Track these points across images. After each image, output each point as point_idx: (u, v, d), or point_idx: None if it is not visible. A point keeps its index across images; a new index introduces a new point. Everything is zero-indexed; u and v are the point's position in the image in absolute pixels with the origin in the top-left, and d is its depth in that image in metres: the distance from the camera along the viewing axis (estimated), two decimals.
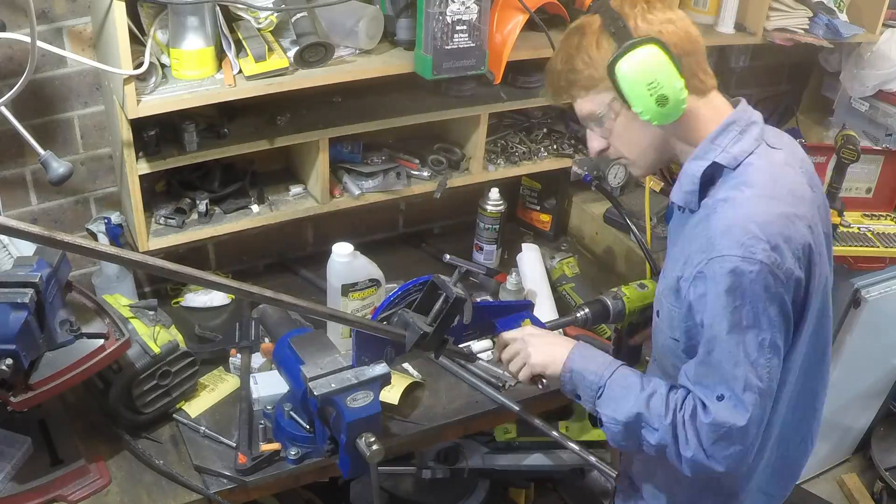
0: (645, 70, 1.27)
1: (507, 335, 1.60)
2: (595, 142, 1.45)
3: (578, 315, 1.73)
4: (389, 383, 1.59)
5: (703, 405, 1.30)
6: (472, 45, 1.85)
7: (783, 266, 1.26)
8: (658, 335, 1.49)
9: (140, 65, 1.65)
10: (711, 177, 1.36)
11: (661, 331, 1.45)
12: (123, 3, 1.54)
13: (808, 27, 2.41)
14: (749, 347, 1.27)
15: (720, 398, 1.29)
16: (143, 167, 1.81)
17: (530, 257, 2.28)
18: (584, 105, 1.40)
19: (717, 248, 1.26)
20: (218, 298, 2.17)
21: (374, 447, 1.47)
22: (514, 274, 2.19)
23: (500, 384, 1.94)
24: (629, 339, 1.82)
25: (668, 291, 1.39)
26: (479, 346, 2.01)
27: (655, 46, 1.27)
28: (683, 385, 1.35)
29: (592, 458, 1.95)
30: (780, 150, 1.38)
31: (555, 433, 1.97)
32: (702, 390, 1.31)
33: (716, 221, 1.30)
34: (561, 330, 2.03)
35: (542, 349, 1.52)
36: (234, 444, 1.70)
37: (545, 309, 2.11)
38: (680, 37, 1.32)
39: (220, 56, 1.80)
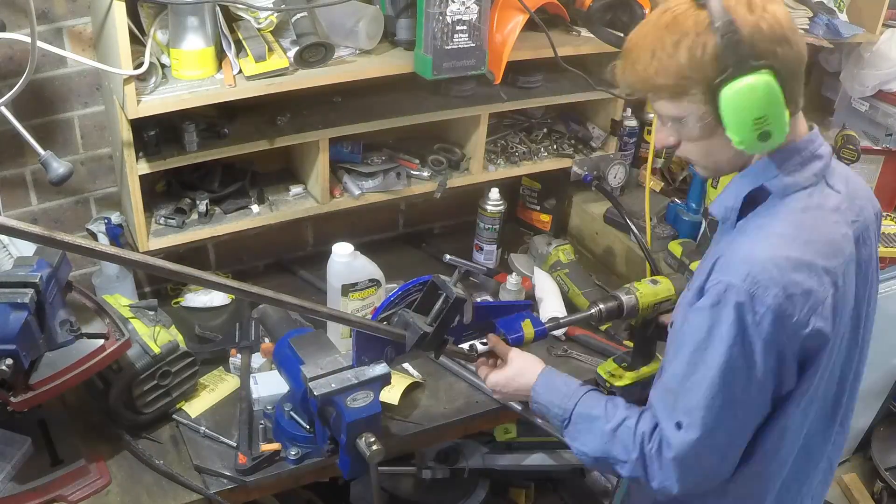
0: (755, 104, 1.14)
1: (493, 348, 1.60)
2: (665, 136, 1.31)
3: (592, 311, 1.72)
4: (389, 383, 1.58)
5: (668, 440, 1.27)
6: (472, 45, 1.85)
7: (793, 317, 1.18)
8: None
9: (140, 65, 1.65)
10: (754, 198, 1.28)
11: None
12: (123, 3, 1.54)
13: (808, 27, 2.41)
14: (727, 386, 1.21)
15: (679, 426, 1.25)
16: (143, 167, 1.81)
17: (544, 283, 2.25)
18: (667, 107, 1.24)
19: (730, 272, 1.20)
20: (218, 298, 2.17)
21: (374, 447, 1.47)
22: (513, 274, 2.19)
23: None
24: (644, 334, 1.80)
25: (684, 306, 1.33)
26: (481, 349, 2.02)
27: (771, 77, 1.13)
28: (651, 407, 1.33)
29: None
30: (837, 195, 1.28)
31: (557, 433, 1.97)
32: (665, 416, 1.28)
33: (741, 246, 1.23)
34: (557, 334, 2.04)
35: (511, 385, 1.55)
36: (235, 444, 1.70)
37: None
38: (793, 59, 1.17)
39: (220, 56, 1.80)
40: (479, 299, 2.15)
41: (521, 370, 1.55)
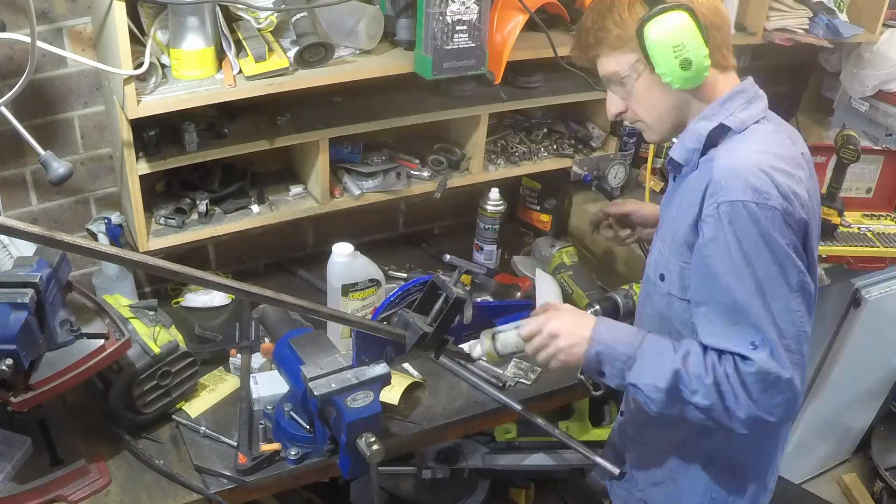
0: (672, 33, 1.31)
1: (529, 329, 1.48)
2: (614, 104, 1.48)
3: (589, 312, 1.72)
4: (389, 383, 1.58)
5: (742, 357, 1.28)
6: (472, 45, 1.85)
7: (794, 215, 1.28)
8: (658, 303, 1.48)
9: (140, 65, 1.65)
10: (715, 139, 1.39)
11: (665, 295, 1.45)
12: (123, 3, 1.54)
13: (808, 27, 2.41)
14: (770, 293, 1.27)
15: (754, 346, 1.27)
16: (143, 167, 1.81)
17: (546, 287, 2.25)
18: (609, 64, 1.43)
19: (728, 191, 1.28)
20: (218, 298, 2.17)
21: (374, 447, 1.47)
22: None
23: (501, 384, 1.94)
24: None
25: (678, 248, 1.39)
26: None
27: (685, 13, 1.31)
28: (710, 346, 1.32)
29: (597, 458, 1.95)
30: (782, 129, 1.43)
31: (559, 432, 1.97)
32: (733, 344, 1.29)
33: (721, 165, 1.32)
34: None
35: (566, 337, 1.43)
36: (235, 444, 1.70)
37: None
38: (710, 9, 1.36)
39: (221, 56, 1.80)
40: (479, 299, 2.15)
41: (570, 319, 1.46)
